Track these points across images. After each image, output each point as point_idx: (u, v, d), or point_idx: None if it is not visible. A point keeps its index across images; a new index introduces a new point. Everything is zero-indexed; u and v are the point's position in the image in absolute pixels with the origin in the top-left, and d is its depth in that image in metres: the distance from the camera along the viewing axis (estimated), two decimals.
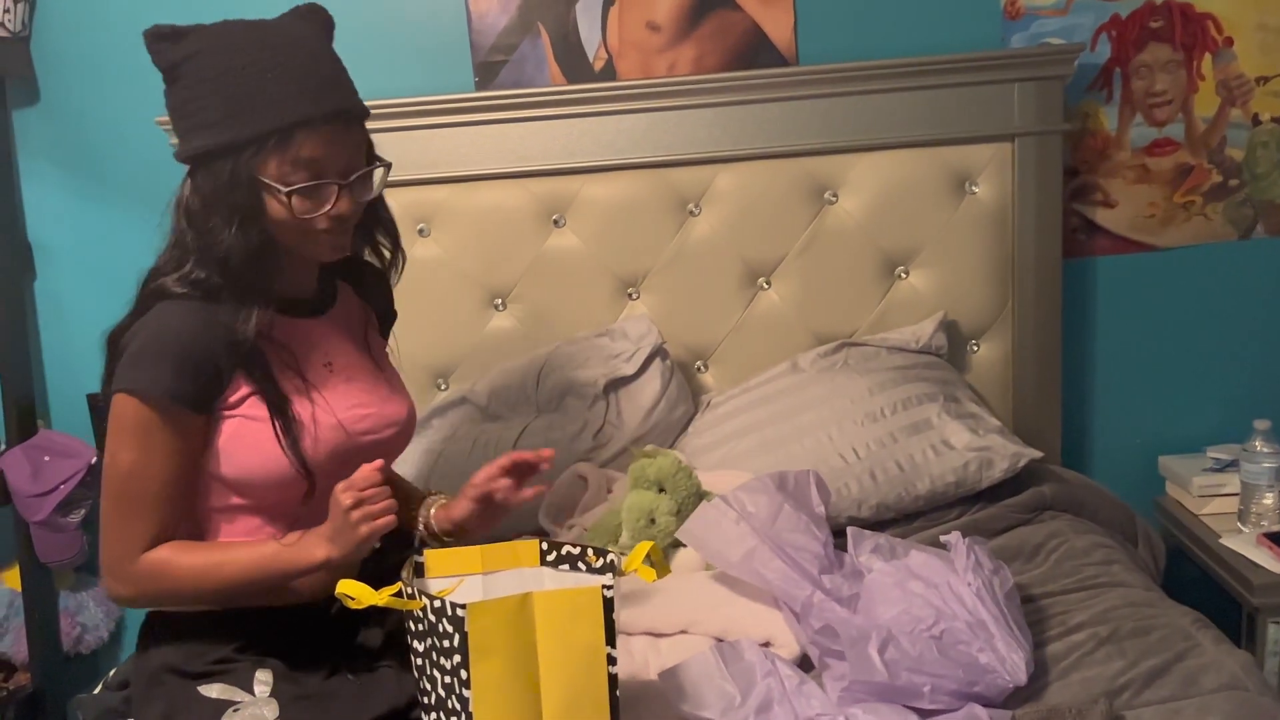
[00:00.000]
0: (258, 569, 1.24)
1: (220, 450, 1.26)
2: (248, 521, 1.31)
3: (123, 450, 1.23)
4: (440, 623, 1.11)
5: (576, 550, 1.26)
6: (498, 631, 1.09)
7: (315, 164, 1.19)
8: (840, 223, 2.13)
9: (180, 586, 1.25)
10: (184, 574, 1.24)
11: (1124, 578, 1.67)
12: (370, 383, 1.39)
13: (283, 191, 1.18)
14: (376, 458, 1.30)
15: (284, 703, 1.26)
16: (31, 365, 2.28)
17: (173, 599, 1.29)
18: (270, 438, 1.25)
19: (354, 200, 1.24)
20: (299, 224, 1.22)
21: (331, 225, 1.23)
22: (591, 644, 1.10)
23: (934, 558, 1.48)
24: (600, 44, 2.18)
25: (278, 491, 1.28)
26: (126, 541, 1.24)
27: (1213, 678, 1.37)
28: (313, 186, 1.19)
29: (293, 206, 1.20)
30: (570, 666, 1.10)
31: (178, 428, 1.23)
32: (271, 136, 1.16)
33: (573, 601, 1.11)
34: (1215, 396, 2.28)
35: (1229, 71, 2.17)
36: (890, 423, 1.91)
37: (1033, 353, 2.15)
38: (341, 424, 1.31)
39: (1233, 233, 2.24)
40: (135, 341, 1.22)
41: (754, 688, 1.16)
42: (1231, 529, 2.03)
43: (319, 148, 1.18)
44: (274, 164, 1.18)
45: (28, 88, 2.23)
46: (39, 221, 2.28)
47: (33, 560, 2.22)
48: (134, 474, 1.23)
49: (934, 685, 1.28)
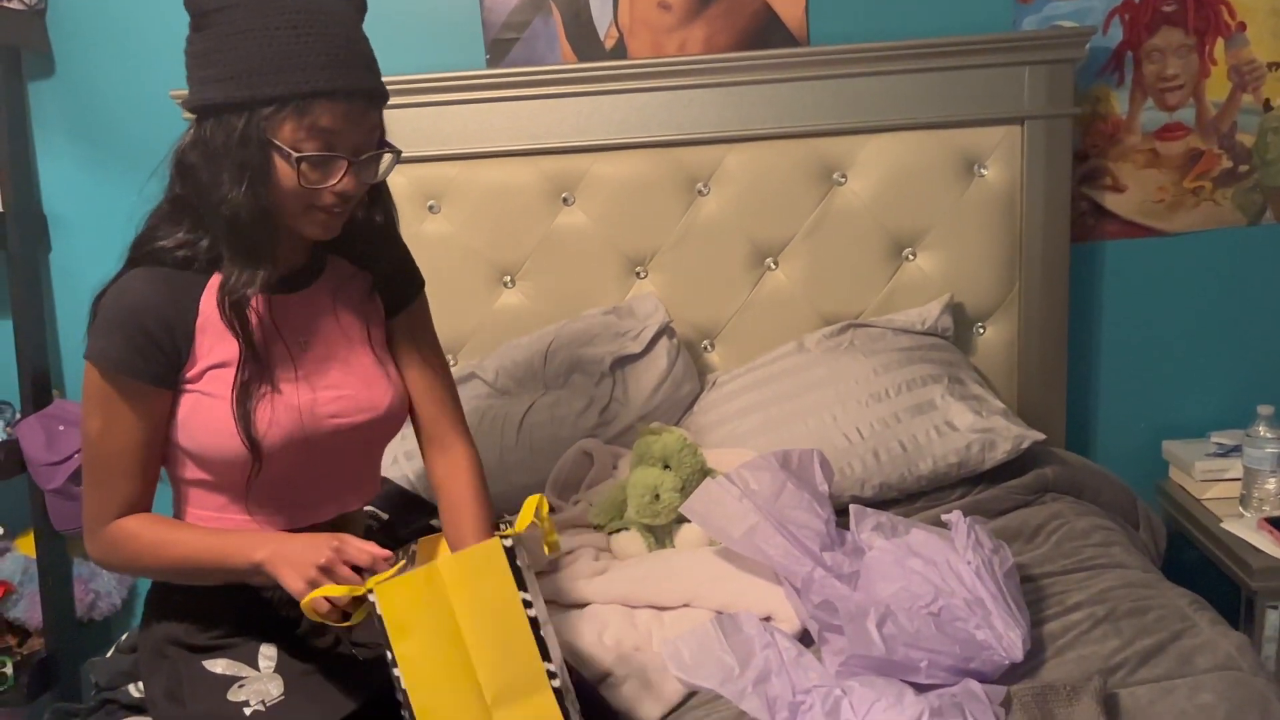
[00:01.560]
0: (199, 553, 1.23)
1: (180, 424, 1.25)
2: (213, 499, 1.30)
3: (90, 417, 1.24)
4: (375, 610, 1.12)
5: (503, 523, 1.30)
6: (411, 608, 1.10)
7: (330, 136, 1.18)
8: (848, 204, 2.13)
9: (140, 558, 1.25)
10: (142, 547, 1.24)
11: (1123, 559, 1.69)
12: (351, 364, 1.33)
13: (294, 156, 1.17)
14: (345, 443, 1.30)
15: (288, 678, 1.28)
16: (46, 336, 2.31)
17: (136, 568, 1.29)
18: (225, 415, 1.23)
19: (359, 180, 1.23)
20: (302, 194, 1.19)
21: (333, 202, 1.21)
22: (505, 596, 1.12)
23: (934, 536, 1.50)
24: (611, 23, 2.19)
25: (232, 470, 1.26)
26: (99, 505, 1.25)
27: (1207, 658, 1.38)
28: (324, 158, 1.18)
29: (301, 173, 1.18)
30: (491, 623, 1.12)
31: (135, 399, 1.22)
32: (293, 100, 1.15)
33: (475, 559, 1.13)
34: (1220, 382, 2.28)
35: (1241, 56, 2.17)
36: (894, 403, 1.93)
37: (1039, 336, 2.16)
38: (301, 406, 1.27)
39: (1242, 218, 2.23)
40: (102, 309, 1.22)
41: (753, 659, 1.18)
42: (1233, 513, 2.04)
43: (337, 120, 1.17)
44: (289, 128, 1.17)
45: (43, 60, 2.25)
46: (54, 194, 2.31)
47: (47, 527, 2.25)
48: (99, 441, 1.23)
49: (931, 660, 1.30)
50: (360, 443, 1.34)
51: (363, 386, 1.33)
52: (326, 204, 1.21)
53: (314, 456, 1.28)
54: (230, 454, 1.24)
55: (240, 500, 1.29)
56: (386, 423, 1.36)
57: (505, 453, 1.94)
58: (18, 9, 2.15)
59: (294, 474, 1.29)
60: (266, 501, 1.30)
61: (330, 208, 1.22)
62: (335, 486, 1.36)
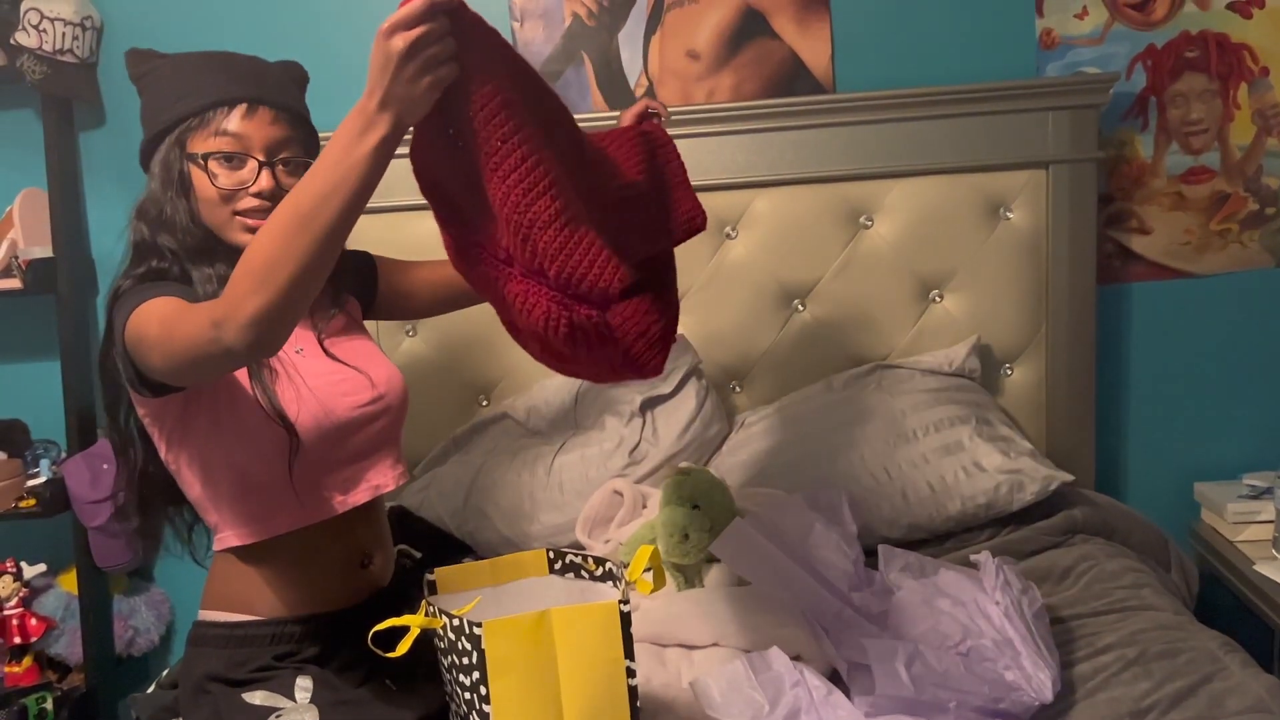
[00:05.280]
0: (311, 178, 1.02)
1: (206, 441, 1.29)
2: (255, 509, 1.32)
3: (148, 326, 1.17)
4: (459, 640, 1.14)
5: (578, 558, 1.30)
6: (515, 648, 1.11)
7: (238, 140, 1.29)
8: (875, 246, 2.16)
9: (258, 259, 1.03)
10: (256, 243, 1.05)
11: (1153, 601, 1.68)
12: (354, 347, 1.42)
13: (200, 156, 1.27)
14: (365, 427, 1.36)
15: (323, 708, 1.31)
16: (92, 376, 2.37)
17: (269, 277, 1.02)
18: (251, 407, 1.27)
19: (278, 182, 1.30)
20: (223, 199, 1.28)
21: (254, 206, 1.28)
22: (611, 658, 1.12)
23: (963, 576, 1.51)
24: (641, 71, 2.24)
25: (271, 462, 1.28)
26: (195, 319, 1.10)
27: (1237, 700, 1.38)
28: (230, 155, 1.28)
29: (210, 173, 1.27)
30: (590, 680, 1.12)
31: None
32: (195, 115, 1.28)
33: (590, 617, 1.13)
34: (1251, 423, 2.27)
35: (1265, 101, 2.18)
36: (923, 444, 1.94)
37: (1066, 377, 2.17)
38: (319, 388, 1.33)
39: (1269, 260, 2.24)
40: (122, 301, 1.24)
41: (782, 697, 1.20)
42: (1266, 556, 2.02)
43: (239, 124, 1.28)
44: (199, 139, 1.28)
45: (94, 111, 2.34)
46: (102, 239, 2.39)
47: (89, 564, 2.30)
48: (166, 317, 1.16)
49: (960, 701, 1.31)
50: (379, 425, 1.40)
51: (369, 366, 1.41)
52: (248, 208, 1.29)
53: (343, 436, 1.34)
54: (266, 445, 1.28)
55: (283, 497, 1.32)
56: (394, 401, 1.43)
57: (536, 491, 1.97)
58: (71, 62, 2.23)
59: (328, 453, 1.34)
60: (308, 493, 1.33)
61: (252, 212, 1.29)
62: (366, 465, 1.40)
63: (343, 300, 1.46)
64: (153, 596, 2.45)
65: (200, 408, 1.30)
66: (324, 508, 1.36)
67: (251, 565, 1.36)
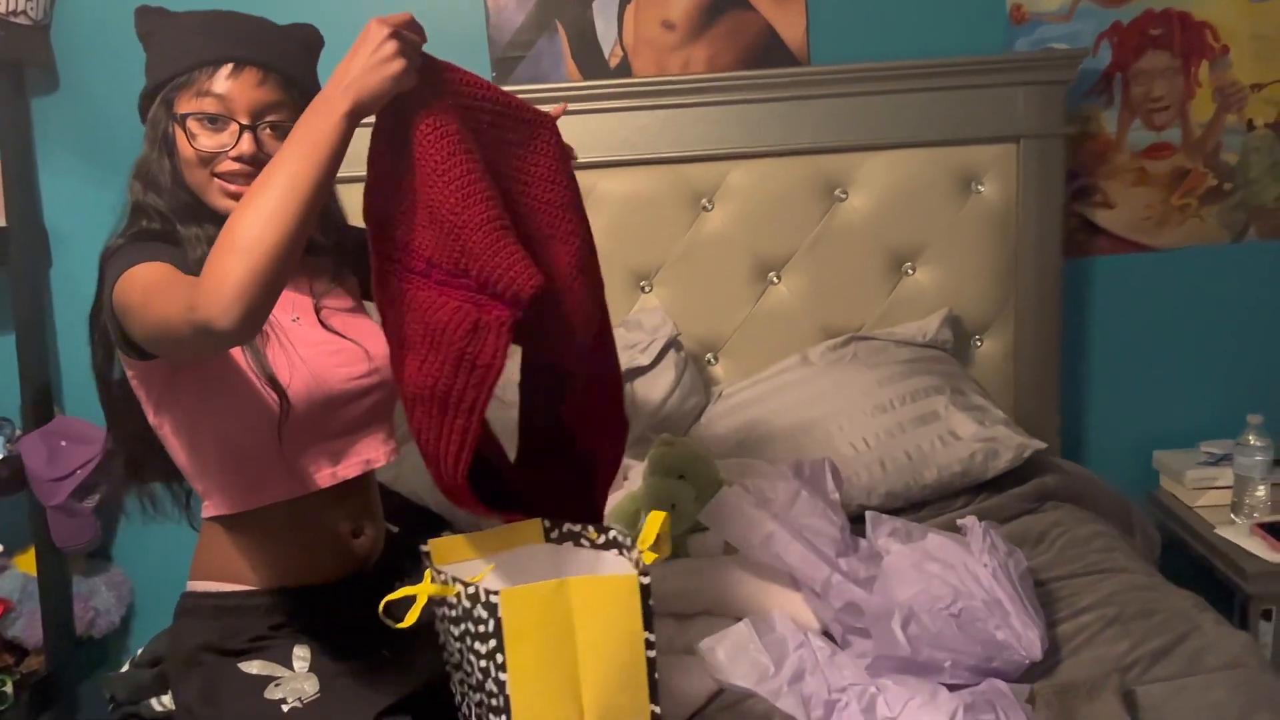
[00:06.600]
0: (277, 160, 1.07)
1: (196, 409, 1.26)
2: (246, 478, 1.30)
3: (131, 292, 1.16)
4: (475, 608, 1.12)
5: (577, 527, 1.28)
6: (532, 616, 1.10)
7: (219, 101, 1.26)
8: (849, 219, 2.18)
9: (237, 237, 1.04)
10: (230, 226, 1.06)
11: (1126, 564, 1.73)
12: (344, 322, 1.37)
13: (177, 115, 1.25)
14: (357, 400, 1.33)
15: (323, 676, 1.29)
16: (48, 351, 2.30)
17: (249, 254, 1.03)
18: (242, 373, 1.24)
19: (261, 147, 1.27)
20: (203, 161, 1.25)
21: (234, 170, 1.25)
22: (631, 630, 1.12)
23: (950, 540, 1.53)
24: (616, 41, 2.23)
25: (260, 430, 1.26)
26: (180, 295, 1.09)
27: (1215, 657, 1.43)
28: (213, 116, 1.25)
29: (189, 133, 1.24)
30: (609, 651, 1.12)
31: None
32: (182, 74, 1.26)
33: (609, 588, 1.12)
34: (1208, 393, 2.34)
35: (1224, 78, 2.24)
36: (899, 414, 1.97)
37: (1033, 348, 2.22)
38: (310, 358, 1.30)
39: (1226, 235, 2.31)
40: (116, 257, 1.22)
41: (787, 658, 1.21)
42: (1225, 520, 2.09)
43: (219, 85, 1.25)
44: (184, 98, 1.26)
45: (47, 76, 2.25)
46: (56, 209, 2.30)
47: (48, 544, 2.23)
48: (149, 287, 1.15)
49: (954, 661, 1.33)
50: (374, 391, 1.36)
51: (365, 339, 1.37)
52: (227, 171, 1.26)
53: (334, 407, 1.31)
54: (254, 414, 1.25)
55: (271, 468, 1.29)
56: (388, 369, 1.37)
57: None
58: (23, 24, 2.14)
59: (319, 424, 1.31)
60: (298, 463, 1.30)
61: (232, 176, 1.26)
62: (358, 439, 1.37)
63: (343, 274, 1.43)
64: (112, 577, 2.39)
65: (188, 373, 1.27)
66: (314, 480, 1.33)
67: (241, 535, 1.33)
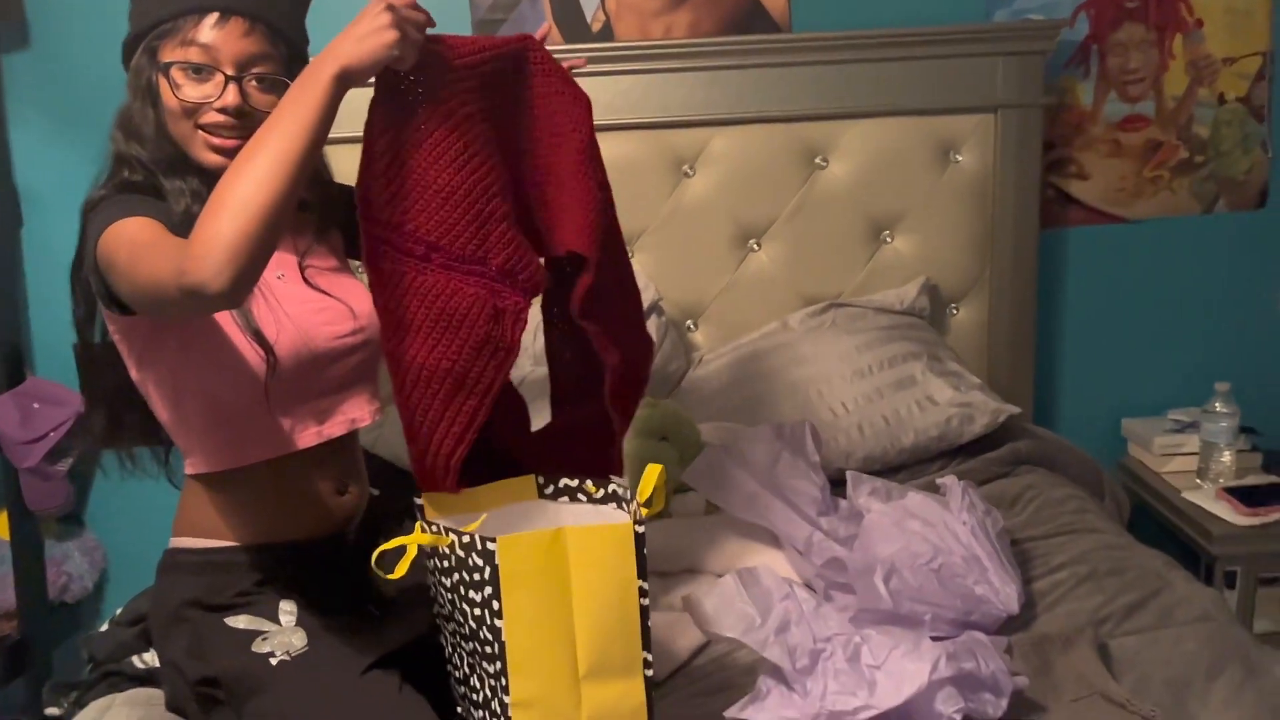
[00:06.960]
0: (268, 126, 1.07)
1: (181, 364, 1.26)
2: (230, 434, 1.29)
3: (118, 252, 1.14)
4: (470, 557, 1.13)
5: (574, 482, 1.29)
6: (528, 564, 1.11)
7: (207, 52, 1.24)
8: (830, 187, 2.19)
9: (228, 199, 1.04)
10: (221, 190, 1.06)
11: (1097, 524, 1.78)
12: (329, 280, 1.36)
13: (161, 64, 1.23)
14: (343, 359, 1.33)
15: (310, 630, 1.29)
16: (20, 313, 2.26)
17: (240, 217, 1.03)
18: (229, 329, 1.24)
19: (246, 98, 1.25)
20: (187, 112, 1.23)
21: (218, 122, 1.24)
22: (625, 578, 1.13)
23: (929, 499, 1.56)
24: (598, 6, 2.22)
25: (245, 388, 1.25)
26: (171, 255, 1.08)
27: (1185, 611, 1.47)
28: (198, 66, 1.23)
29: (173, 83, 1.23)
30: (603, 599, 1.13)
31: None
32: (166, 22, 1.24)
33: (604, 537, 1.14)
34: (1176, 363, 2.39)
35: (1198, 52, 2.28)
36: (877, 379, 1.99)
37: (1008, 317, 2.25)
38: (297, 315, 1.29)
39: (1196, 207, 2.35)
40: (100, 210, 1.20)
41: (772, 609, 1.23)
42: (1191, 485, 2.14)
43: (205, 34, 1.23)
44: (169, 47, 1.24)
45: (18, 31, 2.21)
46: (27, 168, 2.26)
47: (20, 508, 2.21)
48: (136, 246, 1.14)
49: (934, 614, 1.36)
50: (359, 350, 1.36)
51: (350, 298, 1.37)
52: (211, 123, 1.24)
53: (320, 365, 1.31)
54: (238, 371, 1.25)
55: (255, 426, 1.29)
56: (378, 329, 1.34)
57: None
58: None
59: (304, 382, 1.30)
60: (283, 421, 1.30)
61: (216, 128, 1.24)
62: (343, 398, 1.37)
63: (328, 232, 1.42)
64: (85, 542, 2.37)
65: (172, 329, 1.26)
66: (299, 438, 1.33)
67: (225, 492, 1.33)
